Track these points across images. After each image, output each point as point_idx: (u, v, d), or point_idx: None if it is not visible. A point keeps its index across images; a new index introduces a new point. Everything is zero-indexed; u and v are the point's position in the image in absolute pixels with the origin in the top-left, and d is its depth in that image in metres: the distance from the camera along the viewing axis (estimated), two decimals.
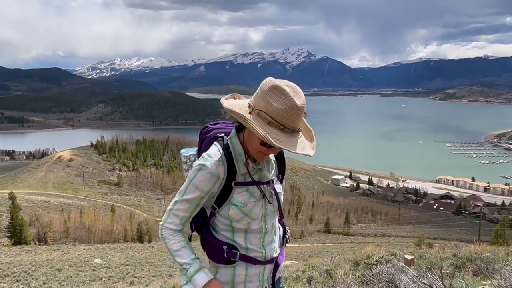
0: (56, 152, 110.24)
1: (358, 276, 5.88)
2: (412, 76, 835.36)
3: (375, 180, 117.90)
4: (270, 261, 1.81)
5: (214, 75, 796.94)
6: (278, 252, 1.88)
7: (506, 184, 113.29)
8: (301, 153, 1.55)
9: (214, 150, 1.70)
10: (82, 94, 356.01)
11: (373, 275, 5.09)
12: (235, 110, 1.57)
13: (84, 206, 52.58)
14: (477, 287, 4.48)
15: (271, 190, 1.78)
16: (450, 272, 5.07)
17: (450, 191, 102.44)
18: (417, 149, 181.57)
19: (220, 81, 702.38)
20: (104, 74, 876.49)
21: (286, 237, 1.97)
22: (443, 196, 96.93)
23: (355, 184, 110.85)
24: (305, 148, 1.59)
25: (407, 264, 6.09)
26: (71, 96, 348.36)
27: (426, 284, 3.55)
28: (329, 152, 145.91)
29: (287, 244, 2.01)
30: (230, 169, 1.68)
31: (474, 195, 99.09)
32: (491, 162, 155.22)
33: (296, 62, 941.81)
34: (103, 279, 17.37)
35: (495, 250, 8.78)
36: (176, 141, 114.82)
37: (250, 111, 1.55)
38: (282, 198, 1.85)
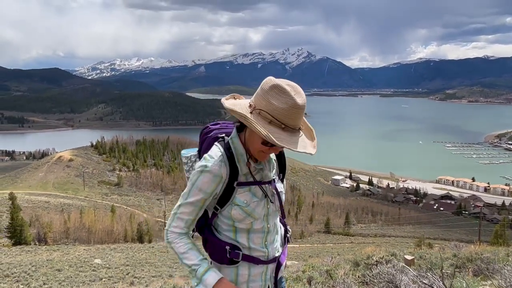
0: (56, 152, 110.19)
1: (358, 277, 5.89)
2: (412, 77, 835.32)
3: (375, 180, 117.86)
4: (273, 260, 1.81)
5: (214, 75, 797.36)
6: (280, 251, 1.88)
7: (506, 184, 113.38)
8: (302, 151, 1.56)
9: (216, 150, 1.69)
10: (82, 95, 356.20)
11: (373, 275, 5.09)
12: (237, 109, 1.57)
13: (84, 206, 52.55)
14: (477, 287, 4.49)
15: (273, 189, 1.78)
16: (450, 272, 5.07)
17: (450, 192, 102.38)
18: (417, 149, 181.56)
19: (220, 81, 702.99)
20: (104, 75, 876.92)
21: (288, 236, 1.97)
22: (443, 197, 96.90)
23: (355, 185, 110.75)
24: (306, 146, 1.59)
25: (407, 265, 6.09)
26: (71, 97, 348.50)
27: (426, 284, 3.54)
28: (329, 152, 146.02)
29: (288, 244, 2.01)
30: (232, 169, 1.67)
31: (474, 195, 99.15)
32: (491, 163, 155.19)
33: (296, 62, 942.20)
34: (103, 280, 17.37)
35: (495, 250, 8.79)
36: (176, 141, 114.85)
37: (251, 110, 1.55)
38: (284, 197, 1.85)
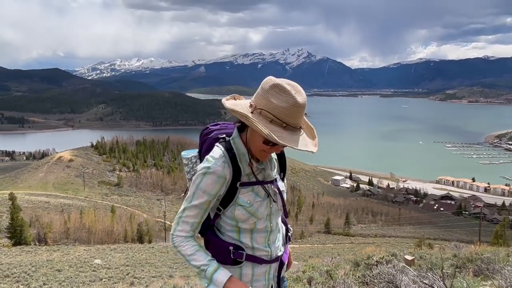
0: (56, 152, 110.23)
1: (359, 277, 5.88)
2: (412, 77, 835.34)
3: (375, 180, 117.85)
4: (275, 259, 1.82)
5: (214, 75, 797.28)
6: (283, 250, 1.89)
7: (507, 184, 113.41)
8: (304, 149, 1.56)
9: (218, 151, 1.68)
10: (82, 95, 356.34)
11: (373, 275, 5.09)
12: (238, 109, 1.57)
13: (84, 206, 52.61)
14: (478, 287, 4.48)
15: (275, 189, 1.78)
16: (451, 272, 5.06)
17: (450, 192, 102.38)
18: (417, 149, 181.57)
19: (220, 81, 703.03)
20: (104, 75, 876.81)
21: (289, 235, 1.98)
22: (443, 197, 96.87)
23: (355, 185, 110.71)
24: (307, 145, 1.59)
25: (408, 265, 6.08)
26: (71, 97, 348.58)
27: (427, 284, 3.54)
28: (329, 152, 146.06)
29: (289, 243, 2.03)
30: (235, 169, 1.67)
31: (474, 195, 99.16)
32: (491, 163, 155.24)
33: (296, 62, 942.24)
34: (103, 280, 17.40)
35: (495, 250, 8.80)
36: (176, 141, 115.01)
37: (252, 110, 1.55)
38: (285, 196, 1.86)
